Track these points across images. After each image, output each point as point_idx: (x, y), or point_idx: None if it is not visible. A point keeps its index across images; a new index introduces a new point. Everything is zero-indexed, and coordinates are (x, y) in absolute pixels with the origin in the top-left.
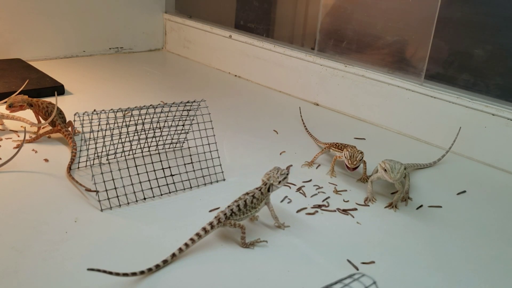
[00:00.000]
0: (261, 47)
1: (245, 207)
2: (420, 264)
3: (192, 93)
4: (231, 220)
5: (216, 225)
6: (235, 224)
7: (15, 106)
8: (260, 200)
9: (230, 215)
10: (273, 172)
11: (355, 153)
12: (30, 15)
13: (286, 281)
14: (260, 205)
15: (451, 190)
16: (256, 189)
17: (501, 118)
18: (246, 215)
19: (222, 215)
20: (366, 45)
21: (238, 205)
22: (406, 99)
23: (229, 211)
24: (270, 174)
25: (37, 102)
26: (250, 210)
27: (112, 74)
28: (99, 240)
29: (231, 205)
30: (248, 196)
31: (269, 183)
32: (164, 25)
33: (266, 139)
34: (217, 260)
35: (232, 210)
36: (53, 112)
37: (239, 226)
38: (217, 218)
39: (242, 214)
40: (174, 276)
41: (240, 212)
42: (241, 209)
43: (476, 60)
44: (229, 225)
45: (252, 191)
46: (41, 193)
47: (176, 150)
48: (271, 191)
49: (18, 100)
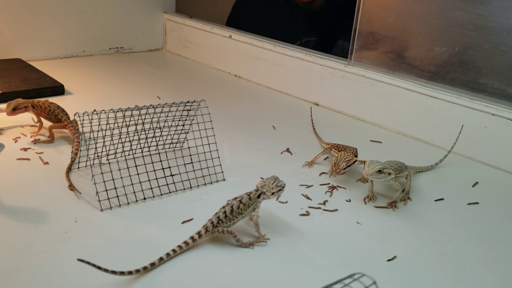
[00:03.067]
0: (261, 47)
1: (232, 213)
2: (420, 264)
3: (192, 93)
4: (219, 228)
5: (204, 234)
6: (223, 231)
7: (20, 108)
8: (247, 206)
9: (217, 223)
10: (270, 181)
11: (340, 161)
12: (30, 15)
13: (286, 281)
14: (247, 211)
15: (451, 190)
16: (245, 194)
17: (501, 118)
18: (234, 222)
19: (210, 223)
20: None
21: (225, 212)
22: (406, 99)
23: (216, 219)
24: (266, 182)
25: (38, 103)
26: (237, 216)
27: (112, 74)
28: (99, 240)
29: (218, 212)
30: (235, 201)
31: (261, 190)
32: (164, 25)
33: (266, 139)
34: (217, 260)
35: (219, 217)
36: (55, 111)
37: (228, 232)
38: (204, 227)
39: (229, 220)
40: (173, 276)
41: (226, 219)
42: (228, 216)
43: (477, 60)
44: (218, 233)
45: (240, 196)
46: (41, 193)
47: (176, 150)
48: (262, 199)
49: (21, 102)
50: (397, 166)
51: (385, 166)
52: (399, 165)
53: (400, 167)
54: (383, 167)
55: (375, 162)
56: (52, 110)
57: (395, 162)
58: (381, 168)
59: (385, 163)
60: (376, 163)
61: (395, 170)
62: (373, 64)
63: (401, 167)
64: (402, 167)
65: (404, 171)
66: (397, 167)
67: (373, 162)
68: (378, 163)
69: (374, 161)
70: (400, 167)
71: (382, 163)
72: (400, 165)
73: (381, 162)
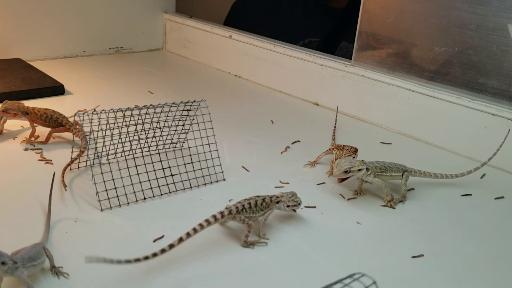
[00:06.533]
0: (261, 47)
1: (256, 206)
2: (420, 264)
3: (192, 93)
4: (241, 215)
5: (227, 215)
6: (244, 220)
7: (9, 113)
8: (266, 206)
9: (241, 209)
10: (288, 194)
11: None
12: (30, 15)
13: (286, 281)
14: (265, 211)
15: (450, 190)
16: (267, 195)
17: (501, 118)
18: (254, 216)
19: (234, 208)
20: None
21: (250, 203)
22: (406, 99)
23: (241, 206)
24: (284, 194)
25: (33, 110)
26: (257, 212)
27: (112, 74)
28: (99, 240)
29: (242, 201)
30: (259, 198)
31: (280, 199)
32: (164, 25)
33: (266, 139)
34: (217, 259)
35: (244, 206)
36: (53, 116)
37: (247, 223)
38: (228, 209)
39: (252, 212)
40: (173, 276)
41: (250, 210)
42: (252, 208)
43: (477, 60)
44: (239, 220)
45: (263, 195)
46: (41, 193)
47: (176, 150)
48: (278, 207)
49: (14, 108)
50: (381, 165)
51: (352, 165)
52: (387, 165)
53: (386, 167)
54: (350, 166)
55: (342, 162)
56: (49, 116)
57: (387, 163)
58: (347, 168)
59: (369, 163)
60: (343, 163)
61: (373, 168)
62: (373, 64)
63: (386, 167)
64: (388, 168)
65: (390, 171)
66: (379, 165)
67: (340, 163)
68: (346, 162)
69: (342, 161)
70: (386, 167)
71: (349, 162)
72: (387, 165)
73: (350, 160)
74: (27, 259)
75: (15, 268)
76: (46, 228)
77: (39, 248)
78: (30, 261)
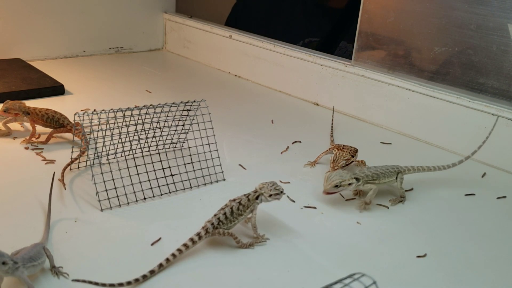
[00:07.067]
0: (261, 47)
1: (232, 214)
2: (420, 264)
3: (192, 93)
4: (219, 229)
5: (204, 235)
6: (223, 233)
7: (10, 113)
8: (246, 207)
9: (217, 224)
10: (268, 184)
11: (340, 158)
12: (30, 15)
13: (286, 281)
14: (246, 212)
15: (450, 190)
16: (243, 196)
17: (501, 118)
18: (234, 223)
19: (210, 225)
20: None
21: (225, 213)
22: (406, 99)
23: (216, 221)
24: (264, 185)
25: (34, 110)
26: (237, 218)
27: (112, 74)
28: (99, 240)
29: (218, 213)
30: (235, 203)
31: (260, 192)
32: (164, 25)
33: (266, 139)
34: (217, 260)
35: (219, 219)
36: (55, 116)
37: (229, 234)
38: (204, 229)
39: (230, 222)
40: (173, 276)
41: (227, 221)
42: (228, 217)
43: (477, 60)
44: (218, 235)
45: (239, 197)
46: (41, 194)
47: (176, 150)
48: (260, 201)
49: (15, 107)
50: (373, 172)
51: (343, 179)
52: (379, 172)
53: (378, 174)
54: (340, 181)
55: (333, 176)
56: (50, 117)
57: (379, 168)
58: (338, 183)
59: (360, 171)
60: (334, 177)
61: (364, 177)
62: (373, 64)
63: (379, 174)
64: (381, 175)
65: (383, 178)
66: (371, 173)
67: (331, 177)
68: (336, 176)
69: (332, 175)
70: (378, 174)
71: (340, 176)
72: (379, 172)
73: (340, 174)
74: (27, 259)
75: (15, 268)
76: (46, 228)
77: (39, 248)
78: (30, 261)
